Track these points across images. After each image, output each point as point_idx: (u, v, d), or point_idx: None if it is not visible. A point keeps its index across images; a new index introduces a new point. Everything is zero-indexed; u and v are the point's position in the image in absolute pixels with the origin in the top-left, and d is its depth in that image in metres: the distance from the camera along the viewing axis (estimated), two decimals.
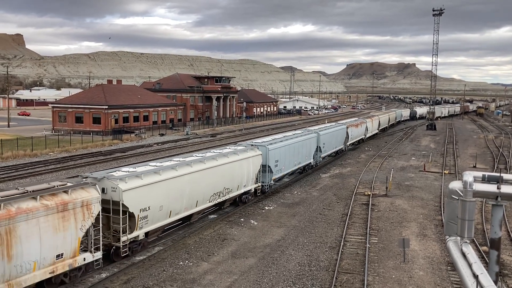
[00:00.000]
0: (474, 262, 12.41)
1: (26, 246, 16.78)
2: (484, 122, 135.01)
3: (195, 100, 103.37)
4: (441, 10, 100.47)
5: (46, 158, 52.54)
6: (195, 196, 26.41)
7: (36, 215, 17.08)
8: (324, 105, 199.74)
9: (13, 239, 16.34)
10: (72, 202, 18.57)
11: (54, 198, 18.07)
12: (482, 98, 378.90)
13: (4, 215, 15.99)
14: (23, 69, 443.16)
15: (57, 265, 18.17)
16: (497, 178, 14.18)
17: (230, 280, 20.62)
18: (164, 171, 24.02)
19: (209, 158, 28.23)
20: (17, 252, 16.47)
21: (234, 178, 30.50)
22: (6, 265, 16.13)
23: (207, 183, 27.33)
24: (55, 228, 17.85)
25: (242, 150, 32.31)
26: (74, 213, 18.67)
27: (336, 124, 59.52)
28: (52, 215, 17.72)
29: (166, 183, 23.78)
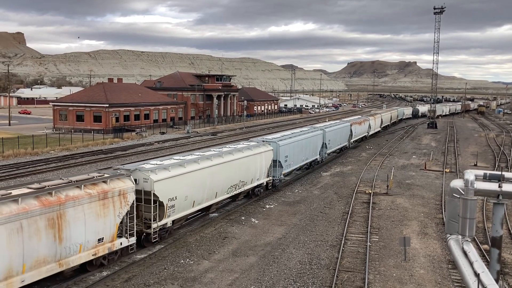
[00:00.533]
0: (475, 261, 12.40)
1: (74, 230, 18.64)
2: (485, 121, 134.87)
3: (196, 99, 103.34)
4: (442, 8, 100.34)
5: (47, 156, 52.57)
6: (215, 188, 28.19)
7: (81, 202, 18.95)
8: (325, 104, 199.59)
9: (63, 223, 18.20)
10: (111, 191, 20.37)
11: (96, 187, 19.88)
12: (483, 96, 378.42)
13: (56, 202, 17.89)
14: (24, 67, 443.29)
15: (99, 248, 20.12)
16: (498, 176, 14.16)
17: (231, 278, 20.63)
18: (188, 164, 25.68)
19: (227, 153, 29.93)
20: (66, 235, 18.36)
21: (248, 172, 32.19)
22: (58, 246, 18.06)
23: (225, 176, 29.06)
24: (97, 214, 19.72)
25: (255, 146, 34.08)
26: (113, 201, 20.46)
27: (341, 122, 61.02)
28: (94, 203, 19.57)
29: (190, 175, 25.45)
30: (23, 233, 16.62)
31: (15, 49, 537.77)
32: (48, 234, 17.56)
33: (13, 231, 16.27)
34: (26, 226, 16.70)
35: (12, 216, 16.18)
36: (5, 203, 16.27)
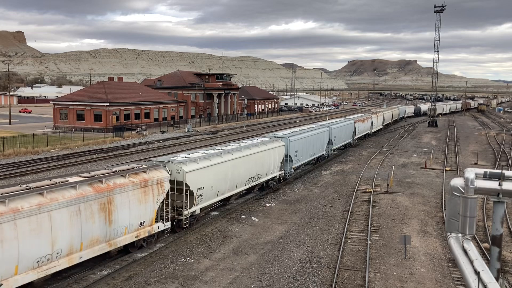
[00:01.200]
0: (476, 259, 12.42)
1: (120, 214, 20.84)
2: (486, 119, 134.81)
3: (196, 97, 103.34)
4: (442, 6, 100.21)
5: (48, 155, 52.61)
6: (235, 179, 30.39)
7: (127, 189, 21.17)
8: (325, 102, 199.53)
9: (112, 208, 20.40)
10: (150, 179, 22.59)
11: (138, 176, 22.14)
12: (484, 95, 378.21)
13: (106, 188, 20.13)
14: (24, 66, 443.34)
15: (140, 231, 22.40)
16: (499, 175, 14.18)
17: (231, 276, 20.66)
18: (213, 157, 27.85)
19: (244, 147, 32.14)
20: (114, 218, 20.53)
21: (264, 165, 34.32)
22: (108, 228, 20.22)
23: (244, 169, 31.21)
24: (139, 201, 21.91)
25: (269, 141, 36.17)
26: (152, 189, 22.67)
27: (345, 119, 63.42)
28: (137, 190, 21.81)
29: (215, 167, 27.67)
30: (81, 216, 18.87)
31: (15, 48, 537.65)
32: (100, 217, 19.81)
33: (73, 213, 18.48)
34: (83, 209, 18.94)
35: (72, 200, 18.42)
36: (66, 189, 18.51)
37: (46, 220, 17.30)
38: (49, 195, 17.71)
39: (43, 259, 17.39)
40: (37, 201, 17.11)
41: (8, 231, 15.95)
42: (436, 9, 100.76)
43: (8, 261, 16.04)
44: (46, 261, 17.53)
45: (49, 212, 17.42)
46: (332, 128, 51.82)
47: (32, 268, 16.99)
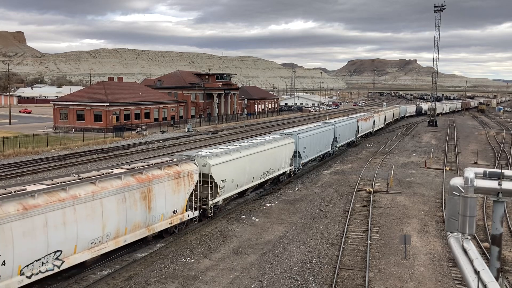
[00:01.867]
0: (475, 258, 12.43)
1: (158, 202, 23.02)
2: (486, 119, 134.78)
3: (196, 97, 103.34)
4: (442, 6, 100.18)
5: (48, 155, 52.61)
6: (252, 173, 32.57)
7: (163, 180, 23.33)
8: (325, 102, 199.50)
9: (151, 196, 22.56)
10: (182, 172, 24.77)
11: (172, 169, 24.29)
12: (484, 94, 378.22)
13: (146, 179, 22.29)
14: (24, 66, 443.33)
15: (173, 218, 24.59)
16: (498, 174, 14.19)
17: (231, 276, 20.67)
18: (233, 152, 29.92)
19: (259, 144, 34.11)
20: (153, 206, 22.73)
21: (276, 160, 36.52)
22: (147, 215, 22.49)
23: (259, 163, 33.42)
24: (173, 190, 24.10)
25: (280, 138, 38.27)
26: (183, 180, 24.89)
27: (349, 118, 65.83)
28: (171, 181, 23.94)
29: (235, 162, 29.74)
30: (126, 203, 21.06)
31: (15, 48, 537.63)
32: (141, 205, 22.04)
33: (119, 200, 20.67)
34: (128, 197, 21.16)
35: (119, 189, 20.64)
36: (113, 179, 20.69)
37: (98, 206, 19.59)
38: (100, 184, 19.98)
39: (95, 240, 19.72)
40: (91, 189, 19.41)
41: (69, 215, 18.27)
42: (436, 9, 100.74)
43: (70, 241, 18.38)
44: (98, 243, 19.85)
45: (100, 199, 19.71)
46: (336, 126, 53.97)
47: (87, 248, 19.37)
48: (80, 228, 18.66)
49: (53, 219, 17.55)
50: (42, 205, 17.21)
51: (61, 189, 18.33)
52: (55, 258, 17.88)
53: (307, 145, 43.30)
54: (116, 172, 21.51)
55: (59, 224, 17.82)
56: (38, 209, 17.02)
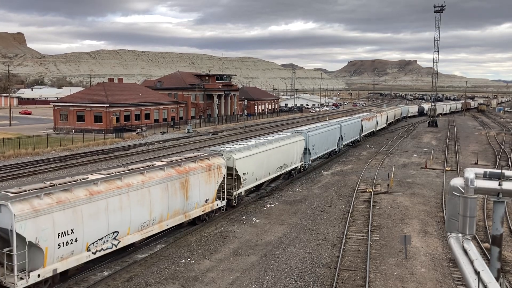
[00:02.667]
0: (476, 259, 12.42)
1: (193, 191, 25.80)
2: (486, 119, 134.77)
3: (196, 98, 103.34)
4: (442, 6, 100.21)
5: (48, 156, 52.62)
6: (269, 167, 35.35)
7: (197, 172, 26.08)
8: (325, 103, 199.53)
9: (188, 186, 25.31)
10: (213, 165, 27.54)
11: (204, 162, 27.06)
12: (484, 94, 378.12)
13: (184, 171, 25.14)
14: (25, 67, 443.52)
15: (205, 206, 27.34)
16: (499, 174, 14.18)
17: (232, 277, 20.66)
18: (253, 148, 32.67)
19: (274, 140, 36.91)
20: (189, 194, 25.56)
21: (289, 156, 39.19)
22: (185, 203, 25.26)
23: (275, 158, 36.11)
24: (205, 181, 26.81)
25: (292, 136, 40.73)
26: (213, 172, 27.63)
27: (353, 118, 68.46)
28: (204, 173, 26.69)
29: (255, 156, 32.45)
30: (168, 191, 23.72)
31: (15, 49, 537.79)
32: (180, 193, 24.78)
33: (163, 189, 23.31)
34: (170, 186, 23.84)
35: (163, 179, 23.29)
36: (157, 170, 23.42)
37: (146, 193, 22.24)
38: (148, 174, 22.64)
39: (144, 224, 22.44)
40: (140, 178, 22.08)
41: (125, 200, 20.89)
42: (435, 9, 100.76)
43: (125, 223, 21.03)
44: (146, 226, 22.62)
45: (148, 187, 22.33)
46: (342, 125, 56.55)
47: (137, 230, 22.16)
48: (132, 212, 21.46)
49: (112, 204, 20.29)
50: (103, 191, 19.92)
51: (117, 178, 21.02)
52: (113, 238, 20.72)
53: (316, 142, 46.02)
54: (158, 164, 24.35)
55: (116, 208, 20.56)
56: (101, 194, 19.73)
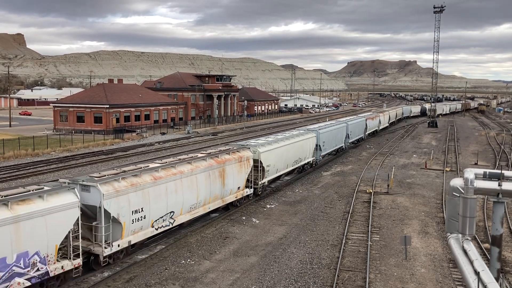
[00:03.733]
0: (476, 259, 12.43)
1: (228, 179, 29.44)
2: (486, 119, 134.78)
3: (196, 99, 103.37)
4: (442, 7, 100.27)
5: (48, 157, 52.61)
6: (287, 161, 38.76)
7: (231, 162, 29.75)
8: (325, 103, 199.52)
9: (224, 175, 28.99)
10: (243, 157, 31.28)
11: (236, 154, 30.80)
12: (484, 95, 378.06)
13: (221, 161, 28.88)
14: (24, 68, 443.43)
15: (238, 193, 31.16)
16: (498, 175, 14.19)
17: (232, 278, 20.66)
18: (274, 143, 36.42)
19: (290, 137, 40.24)
20: (226, 182, 29.23)
21: (303, 152, 42.48)
22: (222, 189, 28.95)
23: (292, 153, 39.46)
24: (237, 171, 30.40)
25: (305, 133, 44.48)
26: (244, 163, 31.28)
27: (358, 117, 71.77)
28: (236, 163, 30.34)
29: (276, 150, 35.99)
30: (210, 179, 27.53)
31: (15, 50, 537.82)
32: (219, 181, 28.48)
33: (206, 176, 27.11)
34: (211, 174, 27.68)
35: (206, 168, 27.24)
36: (201, 160, 27.43)
37: (194, 180, 26.08)
38: (195, 163, 26.60)
39: (192, 206, 26.24)
40: (190, 167, 25.93)
41: (179, 185, 24.67)
42: (435, 10, 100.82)
43: (179, 205, 24.87)
44: (194, 208, 26.47)
45: (196, 175, 26.18)
46: (349, 124, 60.04)
47: (188, 211, 25.97)
48: (184, 195, 25.18)
49: (170, 187, 24.02)
50: (164, 177, 23.64)
51: (171, 167, 24.72)
52: (170, 217, 24.45)
53: (326, 139, 49.60)
54: (200, 155, 28.31)
55: (173, 191, 24.29)
56: (162, 179, 23.44)
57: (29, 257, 17.16)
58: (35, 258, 17.37)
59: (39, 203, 17.55)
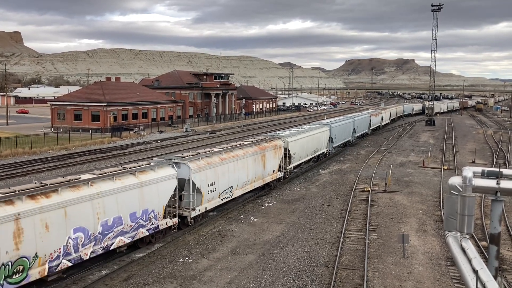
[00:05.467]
0: (474, 257, 12.42)
1: (267, 163, 34.98)
2: (483, 118, 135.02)
3: (194, 97, 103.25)
4: (440, 5, 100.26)
5: (45, 155, 52.48)
6: (307, 150, 44.15)
7: (269, 149, 35.28)
8: (323, 102, 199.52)
9: (265, 159, 34.45)
10: (277, 145, 36.69)
11: (272, 142, 36.29)
12: (481, 93, 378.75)
13: (262, 148, 34.41)
14: (21, 66, 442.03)
15: (273, 175, 36.42)
16: (497, 173, 14.18)
17: (230, 276, 20.64)
18: (298, 134, 41.97)
19: (309, 130, 45.84)
20: (266, 165, 34.75)
21: (319, 143, 48.10)
22: (263, 171, 34.42)
23: (311, 143, 45.08)
24: (273, 157, 35.89)
25: (320, 126, 49.79)
26: (277, 150, 36.69)
27: (362, 113, 77.74)
28: (272, 150, 35.83)
29: (299, 141, 41.40)
30: (255, 162, 32.97)
31: (12, 48, 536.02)
32: (261, 164, 33.96)
33: (253, 160, 32.66)
34: (256, 158, 33.13)
35: (253, 153, 32.83)
36: (248, 147, 32.88)
37: (245, 162, 31.65)
38: (245, 149, 32.23)
39: (244, 183, 31.80)
40: (242, 152, 31.65)
41: (235, 165, 30.40)
42: (433, 8, 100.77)
43: (236, 181, 30.61)
44: (244, 185, 32.00)
45: (246, 158, 31.76)
46: (355, 119, 65.33)
47: (240, 187, 31.54)
48: (239, 174, 30.89)
49: (230, 167, 29.75)
50: (227, 158, 29.48)
51: (230, 151, 30.48)
52: (230, 191, 30.07)
53: (337, 133, 54.97)
54: (245, 143, 33.70)
55: (232, 170, 29.90)
56: (225, 160, 29.26)
57: (148, 213, 22.90)
58: (151, 215, 23.13)
59: (153, 174, 23.36)
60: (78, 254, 19.08)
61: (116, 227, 20.91)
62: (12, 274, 16.50)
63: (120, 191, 21.00)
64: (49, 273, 17.82)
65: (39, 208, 17.37)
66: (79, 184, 19.61)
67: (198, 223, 27.45)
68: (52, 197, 18.12)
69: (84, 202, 19.24)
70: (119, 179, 21.37)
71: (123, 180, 21.48)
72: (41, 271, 17.52)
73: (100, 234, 20.05)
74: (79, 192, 19.24)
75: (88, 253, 19.60)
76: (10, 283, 16.47)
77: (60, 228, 18.15)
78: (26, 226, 16.86)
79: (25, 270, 16.92)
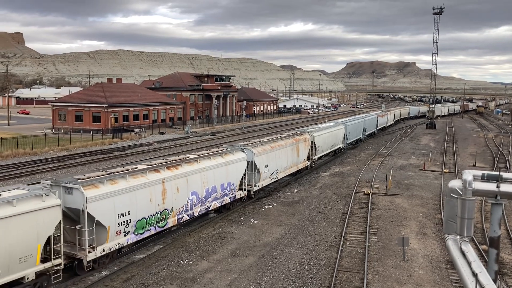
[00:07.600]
0: (474, 261, 12.43)
1: (300, 153, 41.67)
2: (484, 121, 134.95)
3: (195, 99, 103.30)
4: (441, 8, 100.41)
5: (46, 156, 52.53)
6: (328, 144, 51.36)
7: (301, 142, 42.23)
8: (324, 104, 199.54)
9: (298, 150, 41.33)
10: (306, 138, 43.82)
11: (302, 136, 43.28)
12: (482, 97, 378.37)
13: (296, 140, 41.27)
14: (23, 67, 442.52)
15: (304, 163, 43.54)
16: (497, 176, 14.20)
17: (230, 278, 20.64)
18: (320, 130, 49.18)
19: (329, 127, 52.86)
20: (299, 154, 41.62)
21: (337, 138, 55.04)
22: (296, 159, 41.12)
23: (330, 139, 52.29)
24: (303, 148, 42.81)
25: (337, 124, 56.79)
26: (306, 143, 43.67)
27: (371, 114, 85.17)
28: (303, 142, 42.54)
29: (322, 136, 48.62)
30: (292, 151, 39.86)
31: (13, 49, 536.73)
32: (295, 153, 40.76)
33: (289, 150, 39.23)
34: (291, 148, 39.92)
35: (291, 143, 39.82)
36: (287, 139, 40.16)
37: (284, 151, 38.32)
38: (282, 141, 38.65)
39: (285, 167, 38.64)
40: (284, 142, 38.63)
41: (278, 153, 36.99)
42: (434, 11, 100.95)
43: (279, 165, 37.23)
44: (284, 169, 38.72)
45: (286, 148, 38.55)
46: (365, 119, 72.60)
47: (282, 171, 38.24)
48: (282, 160, 37.71)
49: (277, 154, 36.50)
50: (274, 147, 36.43)
51: (274, 142, 37.32)
52: (276, 173, 36.80)
53: (351, 130, 61.87)
54: (284, 136, 41.07)
55: (277, 157, 36.64)
56: (273, 148, 36.21)
57: (230, 185, 30.11)
58: (232, 186, 30.35)
59: (232, 156, 30.57)
60: (192, 211, 26.35)
61: (213, 194, 28.17)
62: (159, 220, 23.72)
63: (215, 167, 28.30)
64: (177, 223, 25.13)
65: (173, 176, 24.58)
66: (192, 161, 26.92)
67: (256, 196, 34.33)
68: (179, 169, 25.36)
69: (196, 174, 26.48)
70: (214, 158, 28.82)
71: (217, 159, 28.94)
72: (174, 221, 24.86)
73: (205, 198, 27.34)
74: (193, 166, 26.51)
75: (197, 211, 26.86)
76: (159, 227, 23.82)
77: (184, 191, 25.39)
78: (168, 188, 24.04)
79: (166, 218, 24.18)
